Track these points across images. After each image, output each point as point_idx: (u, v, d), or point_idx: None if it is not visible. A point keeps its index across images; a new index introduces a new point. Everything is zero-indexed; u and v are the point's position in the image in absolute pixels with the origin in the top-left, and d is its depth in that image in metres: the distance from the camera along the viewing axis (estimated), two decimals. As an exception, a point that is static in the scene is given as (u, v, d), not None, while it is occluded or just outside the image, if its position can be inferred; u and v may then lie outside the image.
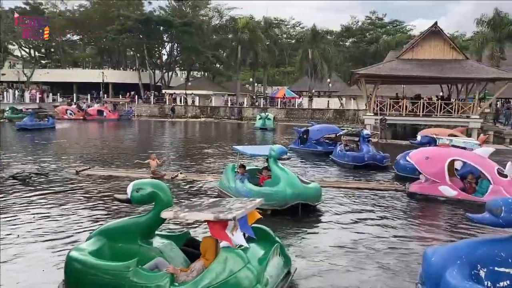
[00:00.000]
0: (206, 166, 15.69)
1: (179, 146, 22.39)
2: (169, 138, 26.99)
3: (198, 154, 18.71)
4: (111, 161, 16.09)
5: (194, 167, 15.47)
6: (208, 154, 18.74)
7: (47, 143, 21.29)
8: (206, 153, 19.22)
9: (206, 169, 15.15)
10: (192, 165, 15.77)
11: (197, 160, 16.93)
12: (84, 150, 19.33)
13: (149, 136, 27.65)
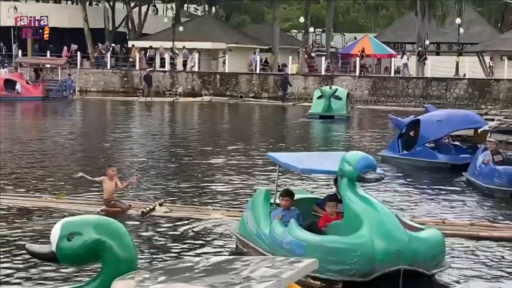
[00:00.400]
0: (211, 190, 16.21)
1: (159, 152, 22.87)
2: (139, 135, 27.62)
3: (195, 168, 19.37)
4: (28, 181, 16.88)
5: (188, 192, 15.82)
6: (215, 168, 19.37)
7: None
8: (211, 165, 19.88)
9: (210, 196, 15.52)
10: (184, 190, 16.16)
11: (193, 180, 17.50)
12: None
13: (100, 132, 28.39)
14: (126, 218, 12.94)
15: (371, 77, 48.51)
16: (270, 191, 11.04)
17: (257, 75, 50.32)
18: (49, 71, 49.73)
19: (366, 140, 27.26)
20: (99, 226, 5.92)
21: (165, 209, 13.32)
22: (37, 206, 13.65)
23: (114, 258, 5.87)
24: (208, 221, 12.86)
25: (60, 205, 13.64)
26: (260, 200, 10.91)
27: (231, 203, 14.77)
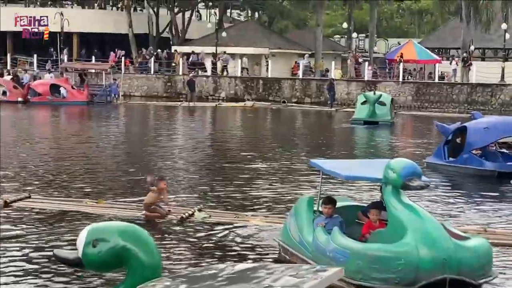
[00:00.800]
0: (252, 196, 16.12)
1: (200, 156, 22.94)
2: (182, 140, 27.75)
3: (236, 173, 19.28)
4: (70, 185, 16.96)
5: (228, 198, 15.78)
6: (256, 173, 19.32)
7: None
8: (252, 170, 19.81)
9: (251, 202, 15.44)
10: (225, 195, 16.12)
11: (234, 185, 17.43)
12: (23, 162, 20.41)
13: (143, 137, 28.50)
14: (165, 223, 12.98)
15: (415, 82, 48.01)
16: (313, 198, 10.99)
17: (300, 80, 50.15)
18: (94, 76, 50.13)
19: (410, 146, 26.95)
20: (124, 232, 5.98)
21: (204, 215, 13.27)
22: (78, 210, 13.72)
23: (138, 264, 5.91)
24: (247, 227, 12.80)
25: (101, 210, 13.73)
26: (303, 208, 10.86)
27: (272, 209, 14.68)
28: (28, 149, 23.52)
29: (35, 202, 14.25)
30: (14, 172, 18.42)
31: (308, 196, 11.11)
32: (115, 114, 39.97)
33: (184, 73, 50.73)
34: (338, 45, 65.89)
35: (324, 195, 11.38)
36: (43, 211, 13.67)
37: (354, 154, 24.22)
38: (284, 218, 13.13)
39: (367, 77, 48.88)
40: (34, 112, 39.27)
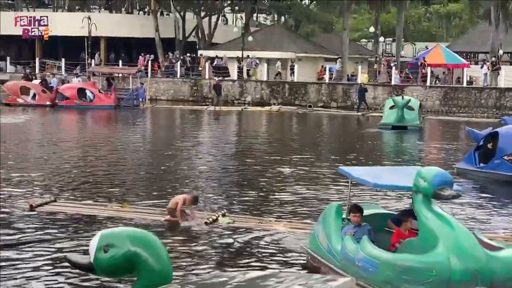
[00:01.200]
0: (276, 201, 16.08)
1: (226, 161, 22.87)
2: (207, 144, 27.68)
3: (261, 178, 19.21)
4: (96, 189, 17.05)
5: (253, 203, 15.74)
6: (282, 179, 19.26)
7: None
8: (277, 175, 19.78)
9: (275, 207, 15.38)
10: (249, 200, 16.08)
11: (258, 190, 17.43)
12: (50, 166, 20.53)
13: (169, 141, 28.44)
14: (189, 228, 12.97)
15: (443, 87, 47.51)
16: (341, 205, 10.87)
17: (326, 84, 49.89)
18: (121, 80, 50.26)
19: (439, 151, 26.66)
20: (135, 238, 6.05)
21: (228, 220, 13.29)
22: (102, 214, 13.74)
23: (149, 270, 5.97)
24: (270, 232, 12.78)
25: (125, 214, 13.74)
26: (332, 215, 10.80)
27: (296, 214, 14.58)
28: (54, 152, 23.60)
29: (60, 206, 14.30)
30: (41, 176, 18.51)
31: (337, 204, 10.98)
32: (142, 118, 40.01)
33: (210, 77, 50.59)
34: (364, 49, 65.59)
35: (352, 202, 11.30)
36: (68, 215, 13.70)
37: (382, 160, 23.96)
38: (308, 223, 13.25)
39: (394, 82, 48.42)
40: (61, 115, 39.48)
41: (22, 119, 35.94)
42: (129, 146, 26.20)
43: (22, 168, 19.66)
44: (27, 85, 45.33)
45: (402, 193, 15.28)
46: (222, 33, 62.63)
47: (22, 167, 19.88)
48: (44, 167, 20.17)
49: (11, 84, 45.95)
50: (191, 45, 61.25)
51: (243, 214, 14.27)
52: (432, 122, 39.30)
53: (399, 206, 14.49)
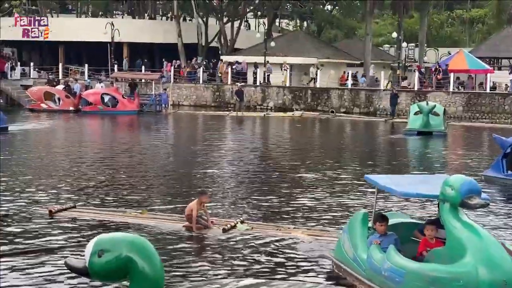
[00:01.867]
0: (297, 208, 15.93)
1: (247, 167, 22.73)
2: (229, 150, 27.57)
3: (282, 184, 19.12)
4: (116, 195, 17.04)
5: (273, 209, 15.66)
6: (303, 185, 19.12)
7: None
8: (299, 181, 19.64)
9: (295, 214, 15.25)
10: (269, 206, 15.99)
11: (279, 197, 17.31)
12: (71, 173, 20.61)
13: (191, 147, 28.46)
14: (207, 235, 12.92)
15: (466, 93, 46.96)
16: (367, 214, 10.77)
17: (349, 90, 49.58)
18: (143, 85, 50.31)
19: (465, 158, 26.27)
20: (129, 244, 6.15)
21: (246, 227, 13.26)
22: (121, 221, 13.71)
23: (141, 276, 6.10)
24: (288, 240, 12.69)
25: (143, 221, 13.68)
26: (358, 224, 10.74)
27: (319, 220, 14.48)
28: (75, 158, 23.64)
29: (79, 212, 14.31)
30: (61, 182, 18.55)
31: (363, 212, 10.89)
32: (164, 124, 40.07)
33: (233, 83, 50.50)
34: (387, 54, 65.27)
35: (377, 211, 11.18)
36: (86, 221, 13.69)
37: (408, 167, 23.71)
38: (326, 231, 13.20)
39: (417, 87, 47.98)
40: (84, 121, 39.74)
41: (45, 124, 36.02)
42: (151, 152, 26.24)
43: (42, 174, 19.74)
44: (51, 90, 45.66)
45: (429, 202, 14.94)
46: (244, 39, 62.64)
47: (43, 173, 19.95)
48: (65, 173, 20.18)
49: (35, 89, 46.31)
50: (214, 50, 61.31)
51: (264, 220, 14.20)
52: (456, 128, 38.90)
53: (426, 214, 14.26)
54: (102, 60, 56.06)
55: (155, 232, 12.85)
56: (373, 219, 10.59)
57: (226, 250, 12.14)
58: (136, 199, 16.32)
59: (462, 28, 75.89)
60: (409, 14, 63.40)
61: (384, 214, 10.85)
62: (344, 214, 14.93)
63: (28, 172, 19.82)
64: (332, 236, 12.58)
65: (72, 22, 65.43)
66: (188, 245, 12.27)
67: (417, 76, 48.96)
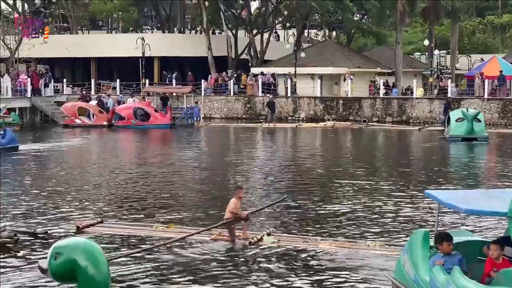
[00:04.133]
0: (328, 219, 15.71)
1: (277, 178, 22.40)
2: (260, 162, 27.28)
3: (317, 196, 18.72)
4: (145, 209, 16.93)
5: (301, 220, 15.39)
6: (339, 195, 18.71)
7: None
8: (334, 191, 19.14)
9: (326, 225, 15.00)
10: (299, 217, 15.71)
11: (309, 207, 17.04)
12: (102, 188, 20.78)
13: (224, 160, 28.23)
14: (233, 248, 12.87)
15: (501, 99, 45.89)
16: (429, 232, 10.19)
17: (381, 99, 48.86)
18: (175, 99, 50.16)
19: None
20: (78, 248, 6.83)
21: (272, 239, 13.15)
22: (147, 235, 13.62)
23: (87, 279, 6.70)
24: (316, 251, 12.50)
25: (170, 235, 13.53)
26: (419, 243, 10.12)
27: (346, 233, 14.19)
28: (107, 173, 23.57)
29: (107, 227, 14.25)
30: (91, 197, 18.54)
31: (424, 230, 10.26)
32: (197, 137, 39.92)
33: (264, 95, 50.15)
34: (418, 62, 64.44)
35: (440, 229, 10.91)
36: (113, 236, 13.64)
37: (461, 178, 22.56)
38: (354, 241, 13.02)
39: (450, 94, 47.10)
40: (117, 135, 39.85)
41: (79, 140, 35.92)
42: (183, 165, 26.01)
43: (72, 189, 19.72)
44: (85, 106, 45.75)
45: (496, 219, 14.26)
46: (274, 50, 62.31)
47: (73, 188, 19.94)
48: (96, 188, 20.21)
49: (69, 105, 46.58)
50: (244, 62, 61.00)
51: (290, 232, 14.03)
52: (492, 135, 37.70)
53: (494, 233, 13.60)
54: (134, 74, 56.10)
55: (181, 246, 12.76)
56: (435, 237, 9.99)
57: (251, 262, 12.00)
58: (166, 213, 16.14)
59: (494, 34, 74.80)
60: (439, 22, 62.47)
61: (447, 232, 10.26)
62: (387, 224, 14.69)
63: (59, 188, 19.81)
64: (359, 247, 12.45)
65: (103, 38, 65.75)
66: (214, 258, 12.15)
67: (449, 83, 48.12)
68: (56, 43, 59.28)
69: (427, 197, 10.69)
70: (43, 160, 27.31)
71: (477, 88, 47.09)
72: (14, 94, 47.49)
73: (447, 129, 35.63)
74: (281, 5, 63.46)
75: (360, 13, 65.40)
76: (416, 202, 17.28)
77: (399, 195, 18.37)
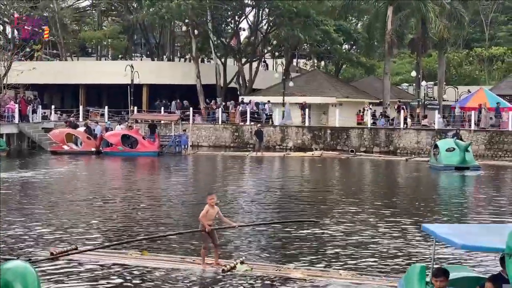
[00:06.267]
0: (299, 247, 15.53)
1: (264, 208, 22.17)
2: (246, 191, 26.99)
3: (303, 229, 18.41)
4: (122, 237, 16.80)
5: (277, 249, 15.28)
6: (325, 223, 18.33)
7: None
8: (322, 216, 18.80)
9: (298, 254, 14.84)
10: (273, 247, 15.60)
11: (285, 238, 16.84)
12: (80, 214, 20.60)
13: (209, 189, 27.90)
14: (206, 275, 12.82)
15: (488, 131, 45.81)
16: (425, 267, 10.05)
17: (368, 129, 48.70)
18: (163, 126, 49.87)
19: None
20: (11, 270, 7.74)
21: (246, 267, 13.11)
22: (121, 263, 13.46)
23: None
24: (287, 281, 12.45)
25: (145, 262, 13.49)
26: (415, 278, 10.00)
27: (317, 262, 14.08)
28: (89, 200, 23.36)
29: (81, 254, 14.08)
30: (70, 223, 18.34)
31: (420, 265, 10.12)
32: (185, 165, 39.76)
33: (254, 123, 49.94)
34: (405, 93, 64.49)
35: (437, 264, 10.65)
36: (86, 263, 13.53)
37: (456, 212, 22.17)
38: (326, 271, 12.99)
39: (437, 126, 47.00)
40: (105, 162, 39.65)
41: (65, 168, 35.50)
42: (168, 194, 25.72)
43: (52, 216, 19.58)
44: (73, 132, 45.40)
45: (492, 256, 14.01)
46: (262, 79, 62.47)
47: (52, 215, 19.78)
48: (74, 215, 20.01)
49: (57, 132, 46.34)
50: (232, 91, 60.90)
51: (261, 261, 13.97)
52: (483, 166, 37.49)
53: (492, 268, 13.31)
54: (122, 101, 55.82)
55: (154, 272, 12.79)
56: (431, 273, 9.75)
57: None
58: (148, 243, 15.84)
59: (481, 66, 75.19)
60: (427, 53, 62.65)
61: (444, 268, 10.03)
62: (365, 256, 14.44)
63: (39, 214, 19.65)
64: (331, 276, 12.46)
65: (93, 65, 65.71)
66: (185, 286, 12.13)
67: (437, 115, 48.10)
68: (45, 70, 59.11)
69: (423, 231, 10.53)
70: (27, 186, 27.00)
71: (484, 119, 46.97)
72: (1, 120, 47.13)
73: (438, 158, 35.98)
74: (270, 34, 63.69)
75: (348, 44, 65.61)
76: (403, 234, 17.16)
77: (387, 226, 18.15)
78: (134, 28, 69.93)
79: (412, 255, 14.79)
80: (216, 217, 13.33)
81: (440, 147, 36.44)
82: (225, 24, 64.19)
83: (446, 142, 37.58)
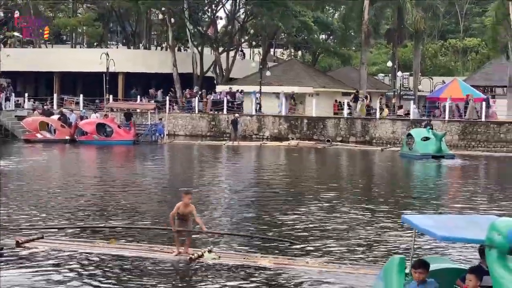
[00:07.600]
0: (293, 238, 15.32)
1: (239, 198, 21.96)
2: (223, 180, 26.77)
3: (280, 217, 18.34)
4: (92, 225, 16.59)
5: (248, 240, 15.06)
6: (307, 218, 18.18)
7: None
8: (301, 213, 18.87)
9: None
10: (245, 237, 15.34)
11: (275, 227, 16.74)
12: (55, 203, 20.31)
13: (185, 178, 27.71)
14: (173, 264, 12.70)
15: (461, 121, 45.96)
16: (404, 259, 9.91)
17: (345, 119, 48.61)
18: (139, 115, 49.43)
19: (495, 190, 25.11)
20: None
21: (213, 256, 13.06)
22: (88, 251, 13.28)
23: None
24: (255, 269, 12.39)
25: (111, 250, 13.33)
26: (394, 270, 9.85)
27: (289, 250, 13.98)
28: (60, 188, 23.00)
29: (47, 242, 13.89)
30: (39, 212, 18.03)
31: (399, 257, 9.97)
32: (160, 154, 39.59)
33: (229, 113, 49.62)
34: (382, 83, 64.75)
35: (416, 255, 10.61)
36: (53, 252, 13.28)
37: (440, 204, 21.89)
38: (294, 259, 12.94)
39: (412, 116, 47.04)
40: (80, 151, 39.23)
41: (39, 156, 34.99)
42: (143, 183, 25.42)
43: (20, 204, 19.20)
44: (46, 120, 44.83)
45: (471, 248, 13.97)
46: (239, 68, 62.47)
47: (21, 203, 19.44)
48: (43, 203, 19.72)
49: (30, 120, 45.82)
50: (209, 80, 60.59)
51: (230, 250, 13.90)
52: (457, 156, 37.80)
53: (474, 258, 13.15)
54: (97, 90, 55.19)
55: (121, 261, 12.63)
56: (411, 265, 9.64)
57: (189, 279, 11.88)
58: (116, 231, 15.61)
59: (455, 57, 75.82)
60: (403, 44, 62.80)
61: (423, 259, 9.89)
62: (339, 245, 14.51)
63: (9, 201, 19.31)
64: (297, 265, 12.41)
65: (67, 53, 65.04)
66: (153, 275, 11.97)
67: (412, 105, 48.15)
68: (19, 57, 58.26)
69: (403, 222, 10.36)
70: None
71: (471, 110, 46.94)
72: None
73: (413, 147, 36.63)
74: (248, 23, 63.38)
75: (325, 34, 65.60)
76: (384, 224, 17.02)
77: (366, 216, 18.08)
78: (109, 15, 69.48)
79: (390, 246, 14.65)
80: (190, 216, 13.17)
81: (415, 136, 37.17)
82: (202, 12, 63.96)
83: (419, 131, 38.39)
